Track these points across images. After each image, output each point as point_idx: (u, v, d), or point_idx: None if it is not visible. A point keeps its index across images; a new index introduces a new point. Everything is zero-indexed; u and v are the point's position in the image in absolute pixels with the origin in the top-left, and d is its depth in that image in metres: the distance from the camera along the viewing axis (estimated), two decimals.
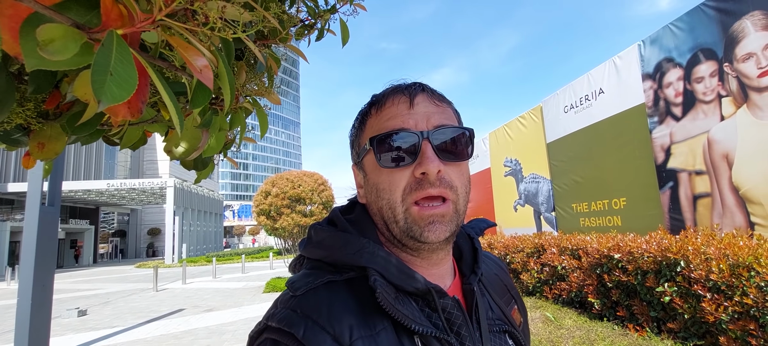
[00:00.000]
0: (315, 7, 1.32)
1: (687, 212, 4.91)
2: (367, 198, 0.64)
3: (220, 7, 0.48)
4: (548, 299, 6.10)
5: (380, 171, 0.59)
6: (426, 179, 0.56)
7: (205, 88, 0.47)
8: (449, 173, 0.58)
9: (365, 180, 0.64)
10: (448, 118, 0.62)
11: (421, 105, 0.61)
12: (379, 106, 0.63)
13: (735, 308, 3.33)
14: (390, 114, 0.61)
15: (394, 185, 0.58)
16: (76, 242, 33.20)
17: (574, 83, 6.95)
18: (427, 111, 0.60)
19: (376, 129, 0.61)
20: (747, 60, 4.14)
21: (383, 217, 0.60)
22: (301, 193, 14.79)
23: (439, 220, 0.56)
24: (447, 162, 0.58)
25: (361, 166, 0.65)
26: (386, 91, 0.65)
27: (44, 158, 0.79)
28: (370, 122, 0.64)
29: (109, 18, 0.39)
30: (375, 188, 0.61)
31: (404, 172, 0.57)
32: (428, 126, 0.59)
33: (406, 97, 0.61)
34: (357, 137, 0.67)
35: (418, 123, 0.59)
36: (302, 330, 0.49)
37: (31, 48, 0.36)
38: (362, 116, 0.66)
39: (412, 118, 0.59)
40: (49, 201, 3.08)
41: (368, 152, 0.61)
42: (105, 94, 0.32)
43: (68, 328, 7.44)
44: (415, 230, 0.56)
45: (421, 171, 0.56)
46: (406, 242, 0.59)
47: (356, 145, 0.67)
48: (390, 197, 0.58)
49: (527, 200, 8.55)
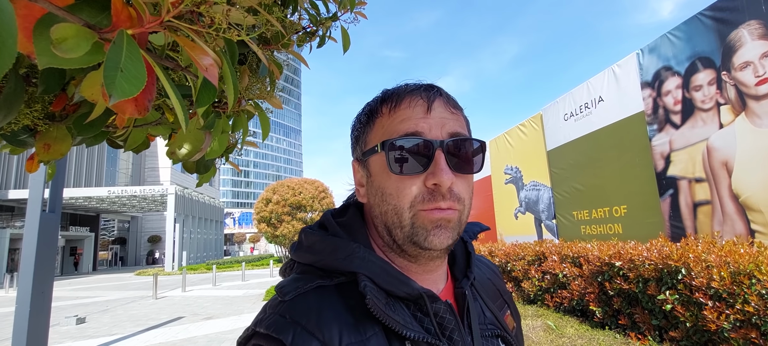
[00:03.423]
0: (316, 14, 1.35)
1: (687, 220, 4.91)
2: (368, 199, 0.62)
3: (224, 11, 0.50)
4: (549, 308, 6.07)
5: (389, 175, 0.57)
6: (437, 190, 0.54)
7: (210, 87, 0.49)
8: (458, 185, 0.56)
9: (369, 180, 0.62)
10: (462, 126, 0.60)
11: (438, 110, 0.58)
12: (392, 105, 0.60)
13: (737, 316, 3.32)
14: (405, 116, 0.58)
15: (403, 192, 0.55)
16: (75, 250, 33.12)
17: (574, 91, 6.99)
18: (443, 117, 0.58)
19: (389, 131, 0.58)
20: (744, 68, 4.18)
21: (385, 221, 0.58)
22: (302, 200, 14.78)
23: (445, 225, 0.55)
24: (458, 173, 0.56)
25: (365, 165, 0.63)
26: (401, 90, 0.61)
27: (49, 159, 0.80)
28: (381, 121, 0.60)
29: (119, 19, 0.41)
30: (380, 191, 0.58)
31: (415, 179, 0.55)
32: (443, 134, 0.57)
33: (423, 100, 0.58)
34: (364, 133, 0.63)
35: (433, 130, 0.56)
36: (291, 336, 0.48)
37: (45, 46, 0.37)
38: (371, 112, 0.63)
39: (427, 124, 0.57)
40: (50, 208, 3.09)
41: (377, 154, 0.59)
42: (116, 89, 0.34)
43: (67, 336, 7.40)
44: (420, 235, 0.55)
45: (434, 182, 0.54)
46: (406, 248, 0.57)
47: (362, 142, 0.63)
48: (397, 203, 0.56)
49: (528, 208, 8.55)
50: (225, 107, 0.80)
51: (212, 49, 0.51)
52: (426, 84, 0.62)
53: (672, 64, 5.08)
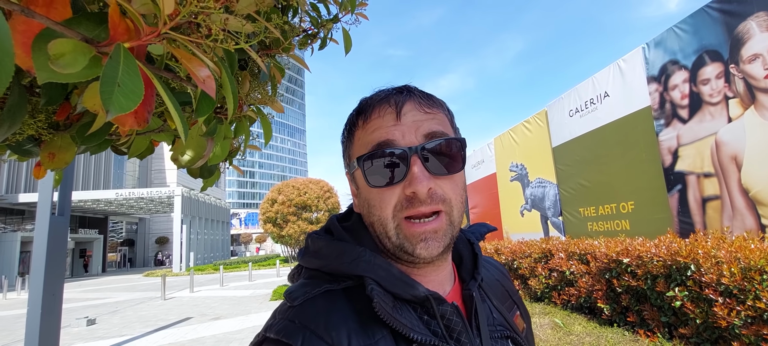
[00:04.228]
0: (318, 17, 1.35)
1: (696, 215, 4.84)
2: (360, 210, 0.63)
3: (222, 19, 0.50)
4: (557, 305, 6.03)
5: (369, 189, 0.57)
6: (416, 198, 0.54)
7: (208, 98, 0.49)
8: (442, 187, 0.56)
9: (358, 192, 0.62)
10: (440, 123, 0.59)
11: (409, 114, 0.57)
12: (365, 116, 0.60)
13: (748, 312, 3.27)
14: (375, 126, 0.58)
15: (384, 202, 0.56)
16: (85, 252, 33.58)
17: (579, 87, 6.92)
18: (416, 120, 0.57)
19: (363, 144, 0.58)
20: (753, 61, 4.11)
21: (375, 231, 0.59)
22: (307, 200, 14.83)
23: (432, 236, 0.55)
24: (439, 176, 0.56)
25: (353, 178, 0.64)
26: (372, 99, 0.61)
27: (55, 168, 0.81)
28: (357, 134, 0.61)
29: (116, 32, 0.41)
30: (366, 203, 0.59)
31: (394, 190, 0.55)
32: (417, 138, 0.56)
33: (392, 107, 0.57)
34: (347, 148, 0.65)
35: (406, 135, 0.56)
36: (300, 340, 0.49)
37: (43, 62, 0.37)
38: (350, 126, 0.63)
39: (399, 131, 0.56)
40: (59, 211, 3.13)
41: (357, 168, 0.59)
42: (113, 104, 0.34)
43: (77, 337, 7.50)
44: (407, 247, 0.55)
45: (411, 191, 0.54)
46: (400, 256, 0.58)
47: (347, 156, 0.65)
48: (381, 214, 0.56)
49: (534, 205, 8.50)
50: (226, 114, 0.81)
51: (211, 58, 0.51)
52: (397, 87, 0.61)
53: (679, 58, 5.01)
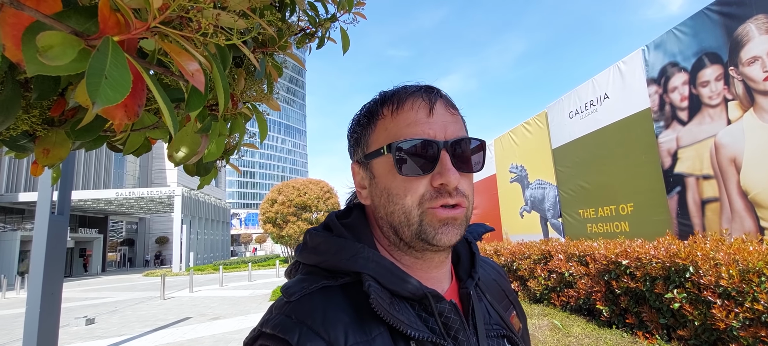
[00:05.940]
0: (315, 15, 1.35)
1: (695, 217, 4.84)
2: (372, 199, 0.63)
3: (214, 15, 0.50)
4: (556, 307, 6.03)
5: (395, 176, 0.58)
6: (445, 189, 0.56)
7: (198, 93, 0.49)
8: (463, 183, 0.58)
9: (373, 182, 0.62)
10: (461, 127, 0.62)
11: (439, 112, 0.60)
12: (394, 107, 0.61)
13: (746, 314, 3.27)
14: (409, 119, 0.59)
15: (411, 192, 0.57)
16: (84, 251, 33.58)
17: (579, 89, 6.93)
18: (445, 120, 0.59)
19: (394, 134, 0.59)
20: (752, 63, 4.11)
21: (392, 221, 0.59)
22: (307, 200, 14.83)
23: (453, 222, 0.56)
24: (462, 173, 0.58)
25: (367, 167, 0.63)
26: (402, 92, 0.62)
27: (49, 164, 0.81)
28: (383, 123, 0.61)
29: (106, 26, 0.41)
30: (386, 192, 0.59)
31: (422, 180, 0.57)
32: (446, 136, 0.58)
33: (426, 102, 0.60)
34: (364, 136, 0.64)
35: (438, 132, 0.58)
36: (297, 336, 0.49)
37: (32, 54, 0.37)
38: (371, 114, 0.63)
39: (431, 127, 0.58)
40: (59, 210, 3.14)
41: (382, 156, 0.59)
42: (99, 96, 0.34)
43: (76, 336, 7.50)
44: (428, 233, 0.56)
45: (441, 182, 0.55)
46: (414, 244, 0.58)
47: (364, 144, 0.64)
48: (405, 202, 0.57)
49: (533, 206, 8.50)
50: (218, 110, 0.81)
51: (202, 53, 0.51)
52: (425, 86, 0.63)
53: (678, 60, 5.01)
